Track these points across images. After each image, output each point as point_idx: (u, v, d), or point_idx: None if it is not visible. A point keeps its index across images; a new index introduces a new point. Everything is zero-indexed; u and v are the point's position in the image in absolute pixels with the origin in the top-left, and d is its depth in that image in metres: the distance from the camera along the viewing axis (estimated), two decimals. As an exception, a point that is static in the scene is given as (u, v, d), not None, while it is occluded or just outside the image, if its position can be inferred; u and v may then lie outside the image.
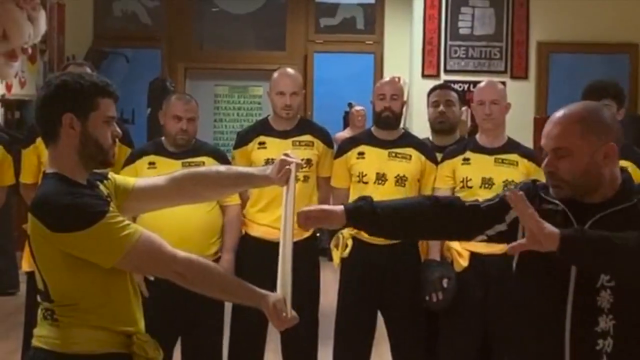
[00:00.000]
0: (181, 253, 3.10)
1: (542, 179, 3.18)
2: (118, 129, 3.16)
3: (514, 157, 5.35)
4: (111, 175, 3.27)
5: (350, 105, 11.01)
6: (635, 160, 5.27)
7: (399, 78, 10.48)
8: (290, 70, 5.73)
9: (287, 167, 3.33)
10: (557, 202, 3.05)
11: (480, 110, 5.41)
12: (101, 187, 3.16)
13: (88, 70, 5.88)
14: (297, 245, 5.29)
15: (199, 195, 3.56)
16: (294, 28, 12.03)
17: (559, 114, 3.06)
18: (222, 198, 5.08)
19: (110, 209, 3.00)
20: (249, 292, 3.20)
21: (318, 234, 9.98)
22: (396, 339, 5.52)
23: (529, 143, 5.25)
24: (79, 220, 2.92)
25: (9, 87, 9.04)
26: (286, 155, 3.38)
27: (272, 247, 5.20)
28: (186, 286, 3.12)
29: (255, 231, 5.52)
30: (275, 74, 5.65)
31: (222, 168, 3.66)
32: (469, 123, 7.82)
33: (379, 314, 5.59)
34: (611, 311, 2.94)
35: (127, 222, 3.02)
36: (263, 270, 4.22)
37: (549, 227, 2.78)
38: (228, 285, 3.21)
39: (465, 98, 5.70)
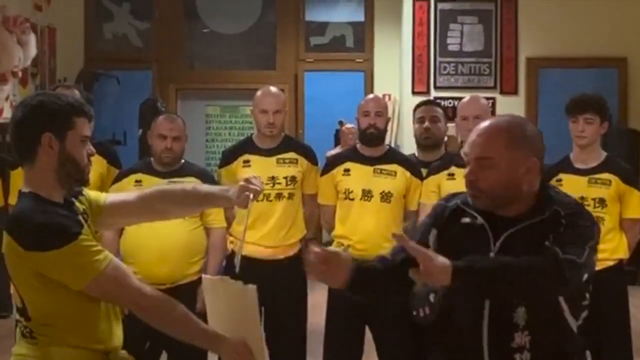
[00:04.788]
0: (146, 287, 3.13)
1: None
2: (92, 148, 3.18)
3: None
4: (85, 191, 3.28)
5: (341, 123, 11.03)
6: (620, 173, 5.31)
7: (389, 95, 10.60)
8: (273, 88, 5.76)
9: (247, 193, 3.39)
10: (476, 215, 3.06)
11: (463, 126, 5.43)
12: (77, 203, 3.17)
13: (77, 92, 5.91)
14: (284, 264, 5.43)
15: (167, 212, 3.58)
16: (284, 47, 12.06)
17: (485, 124, 3.07)
18: (188, 216, 5.06)
19: (84, 231, 3.01)
20: (208, 335, 3.19)
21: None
22: (384, 354, 5.52)
23: (518, 158, 5.27)
24: (51, 239, 2.93)
25: (0, 111, 9.04)
26: (247, 180, 3.43)
27: (258, 265, 5.26)
28: (146, 320, 3.12)
29: (241, 249, 5.53)
30: (258, 93, 5.67)
31: (188, 187, 3.67)
32: (459, 139, 7.83)
33: (367, 330, 5.60)
34: (526, 327, 2.96)
35: (99, 247, 3.04)
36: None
37: (440, 261, 2.74)
38: (188, 326, 3.16)
39: (455, 114, 5.75)
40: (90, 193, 3.32)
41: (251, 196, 3.39)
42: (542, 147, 3.09)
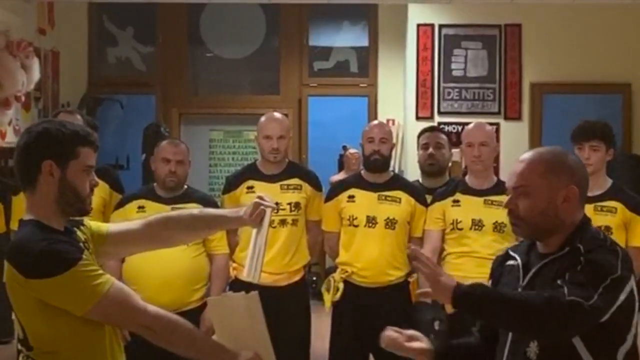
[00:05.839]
0: (151, 307, 3.08)
1: None
2: (96, 178, 3.16)
3: (503, 198, 5.31)
4: (86, 221, 3.26)
5: (344, 148, 11.00)
6: (626, 201, 5.27)
7: (393, 120, 10.57)
8: (276, 114, 5.75)
9: (262, 207, 3.35)
10: (517, 257, 3.12)
11: (469, 152, 5.42)
12: (78, 233, 3.15)
13: (79, 117, 5.89)
14: (286, 290, 5.40)
15: (173, 238, 3.54)
16: (287, 72, 12.03)
17: (525, 154, 3.11)
18: (195, 240, 5.06)
19: (84, 256, 2.98)
20: (218, 350, 3.16)
21: (314, 278, 10.01)
22: (389, 382, 5.49)
23: (523, 184, 5.26)
24: (51, 266, 2.90)
25: (3, 135, 9.01)
26: (260, 198, 3.40)
27: (262, 291, 5.21)
28: (153, 341, 3.08)
29: (245, 276, 5.50)
30: (262, 119, 5.67)
31: (195, 211, 3.65)
32: (463, 164, 7.82)
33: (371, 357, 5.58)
34: None
35: (100, 271, 3.01)
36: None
37: (445, 280, 2.88)
38: (196, 343, 3.14)
39: (459, 140, 5.75)
40: (92, 223, 3.30)
41: (268, 211, 3.37)
42: (584, 178, 3.09)
